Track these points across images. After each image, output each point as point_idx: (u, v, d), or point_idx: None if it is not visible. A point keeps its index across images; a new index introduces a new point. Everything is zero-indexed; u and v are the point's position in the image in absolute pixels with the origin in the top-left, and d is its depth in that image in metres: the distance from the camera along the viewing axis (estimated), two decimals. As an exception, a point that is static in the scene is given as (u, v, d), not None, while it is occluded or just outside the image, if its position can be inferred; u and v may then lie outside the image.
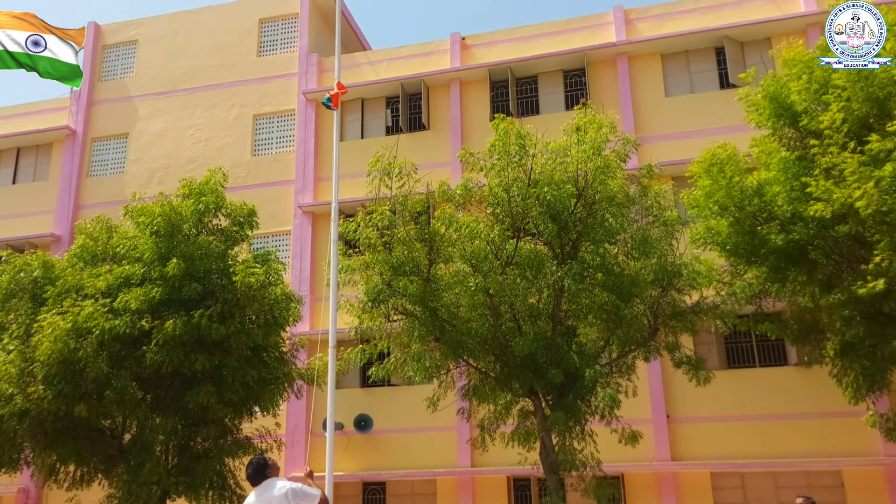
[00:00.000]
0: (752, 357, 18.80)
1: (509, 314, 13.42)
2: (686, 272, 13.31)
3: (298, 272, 21.77)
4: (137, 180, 23.88)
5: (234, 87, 24.58)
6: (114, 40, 26.69)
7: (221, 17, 25.68)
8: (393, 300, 13.33)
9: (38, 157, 26.09)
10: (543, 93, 22.07)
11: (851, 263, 12.19)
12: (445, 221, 13.09)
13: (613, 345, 13.87)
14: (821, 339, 13.85)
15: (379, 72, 23.35)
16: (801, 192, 12.03)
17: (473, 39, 22.97)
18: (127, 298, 13.65)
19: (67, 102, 26.08)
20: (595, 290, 13.21)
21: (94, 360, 13.01)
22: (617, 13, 21.61)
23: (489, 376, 13.91)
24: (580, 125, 13.19)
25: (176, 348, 13.42)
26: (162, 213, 14.40)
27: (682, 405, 18.39)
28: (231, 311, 13.92)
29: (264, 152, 23.85)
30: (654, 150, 18.74)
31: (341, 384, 20.16)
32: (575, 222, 13.06)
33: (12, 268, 14.87)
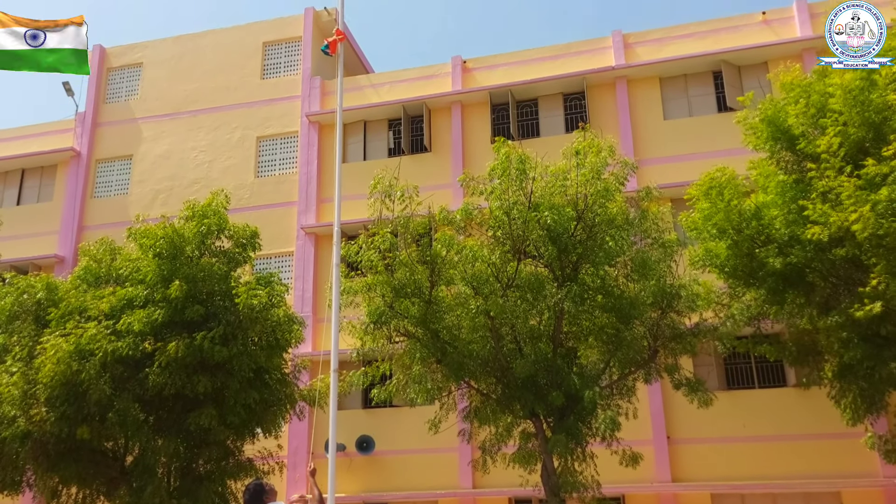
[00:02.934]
0: (751, 378, 18.85)
1: (510, 336, 13.50)
2: (685, 294, 13.40)
3: (301, 293, 21.86)
4: (141, 202, 24.07)
5: (237, 110, 24.82)
6: (119, 63, 26.97)
7: (226, 40, 25.98)
8: (395, 322, 13.41)
9: (42, 179, 26.29)
10: (543, 115, 22.28)
11: (849, 286, 12.26)
12: (447, 244, 13.20)
13: (614, 367, 13.94)
14: (819, 361, 13.90)
15: (381, 94, 23.59)
16: (798, 216, 12.14)
17: (474, 63, 23.22)
18: (130, 320, 13.68)
19: (72, 124, 26.33)
20: (595, 312, 13.31)
21: (96, 382, 13.02)
22: (616, 37, 21.87)
23: (490, 398, 13.97)
24: (579, 149, 13.34)
25: (178, 370, 13.45)
26: (165, 236, 14.46)
27: (683, 426, 18.41)
28: (233, 333, 13.96)
29: (267, 174, 24.04)
30: (652, 173, 18.89)
31: (343, 405, 20.20)
32: (575, 245, 13.17)
33: (16, 289, 14.88)
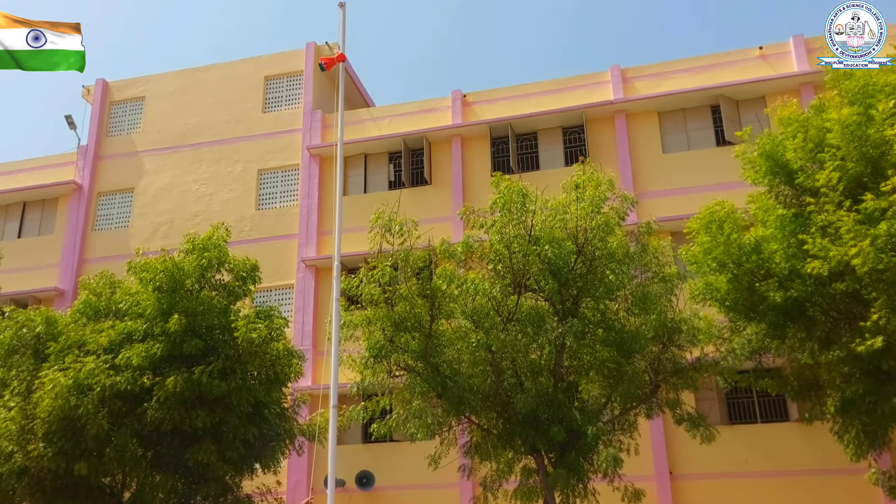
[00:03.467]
0: (753, 413, 18.73)
1: (511, 370, 13.44)
2: (686, 328, 13.37)
3: (301, 326, 21.82)
4: (142, 234, 24.15)
5: (239, 143, 24.99)
6: (121, 97, 27.21)
7: (228, 74, 26.24)
8: (395, 356, 13.36)
9: (43, 212, 26.39)
10: (543, 149, 22.42)
11: (849, 320, 12.22)
12: (447, 278, 13.19)
13: (615, 401, 13.86)
14: (821, 396, 13.80)
15: (382, 128, 23.76)
16: (798, 250, 12.14)
17: (474, 97, 23.42)
18: (128, 354, 13.63)
19: (74, 157, 26.49)
20: (596, 347, 13.26)
21: (94, 417, 12.96)
22: (614, 72, 22.08)
23: (491, 433, 13.86)
24: (579, 183, 13.40)
25: (177, 405, 13.37)
26: (164, 269, 14.47)
27: (685, 462, 18.25)
28: (232, 367, 13.91)
29: (268, 206, 24.13)
30: (652, 206, 18.95)
31: (343, 440, 20.03)
32: (575, 279, 13.16)
33: (15, 323, 14.85)
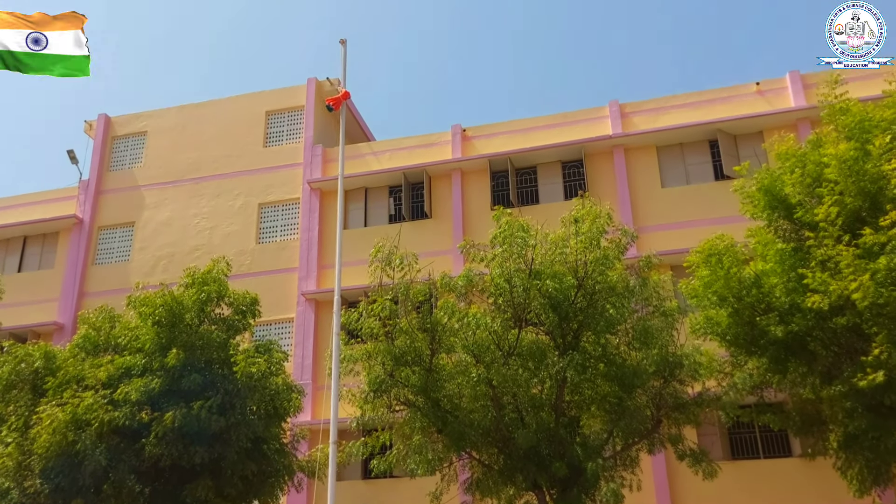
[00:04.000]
0: (756, 448, 18.58)
1: (512, 405, 13.35)
2: (687, 363, 13.32)
3: (301, 360, 21.74)
4: (142, 268, 24.17)
5: (240, 177, 25.12)
6: (123, 131, 27.41)
7: (229, 109, 26.47)
8: (395, 390, 13.31)
9: (44, 246, 26.45)
10: (543, 183, 22.54)
11: (851, 355, 12.17)
12: (448, 311, 13.18)
13: (617, 437, 13.76)
14: (824, 431, 13.69)
15: (382, 162, 23.91)
16: (798, 284, 12.13)
17: (474, 131, 23.61)
18: (127, 389, 13.58)
19: (76, 192, 26.61)
20: (597, 381, 13.21)
21: (92, 453, 12.88)
22: (613, 107, 22.29)
23: (492, 469, 13.74)
24: (578, 216, 13.44)
25: (175, 440, 13.29)
26: (164, 303, 14.48)
27: (688, 498, 18.06)
28: (231, 402, 13.84)
29: (269, 240, 24.20)
30: (651, 240, 18.99)
31: (343, 476, 19.84)
32: (576, 312, 13.14)
33: (14, 358, 14.80)
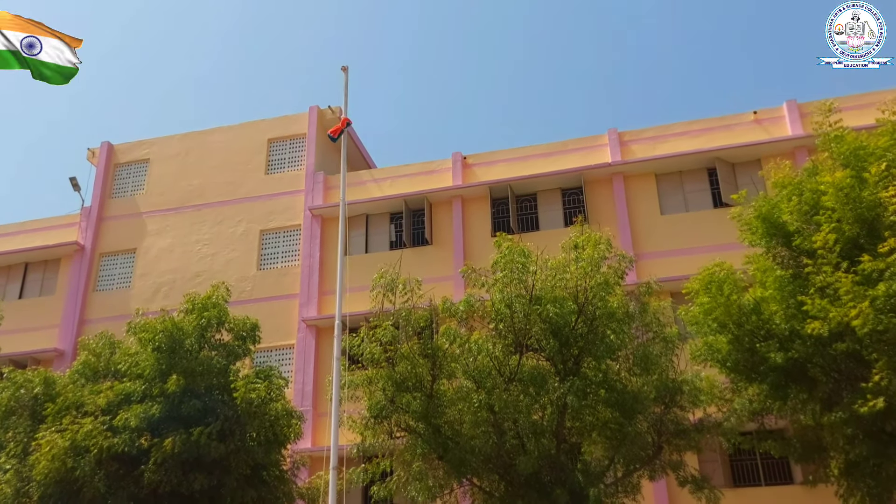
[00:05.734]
0: (757, 475, 18.47)
1: (513, 431, 13.29)
2: (688, 389, 13.32)
3: (301, 387, 21.69)
4: (143, 294, 24.20)
5: (241, 204, 25.26)
6: (126, 159, 27.59)
7: (231, 137, 26.68)
8: (396, 416, 13.27)
9: (45, 273, 26.49)
10: (543, 210, 22.66)
11: (851, 381, 12.16)
12: (449, 337, 13.19)
13: (618, 463, 13.70)
14: (825, 458, 13.63)
15: (383, 189, 24.04)
16: (797, 310, 12.15)
17: (474, 159, 23.78)
18: (126, 416, 13.59)
19: (77, 219, 26.71)
20: (598, 407, 13.18)
21: (91, 480, 12.89)
22: (612, 135, 22.48)
23: (493, 496, 13.65)
24: (578, 243, 13.51)
25: (174, 467, 13.27)
26: (164, 329, 14.52)
27: (690, 525, 17.89)
28: (231, 429, 13.82)
29: (270, 266, 24.26)
30: (651, 267, 19.04)
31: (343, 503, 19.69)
32: (576, 338, 13.15)
33: (13, 384, 14.86)
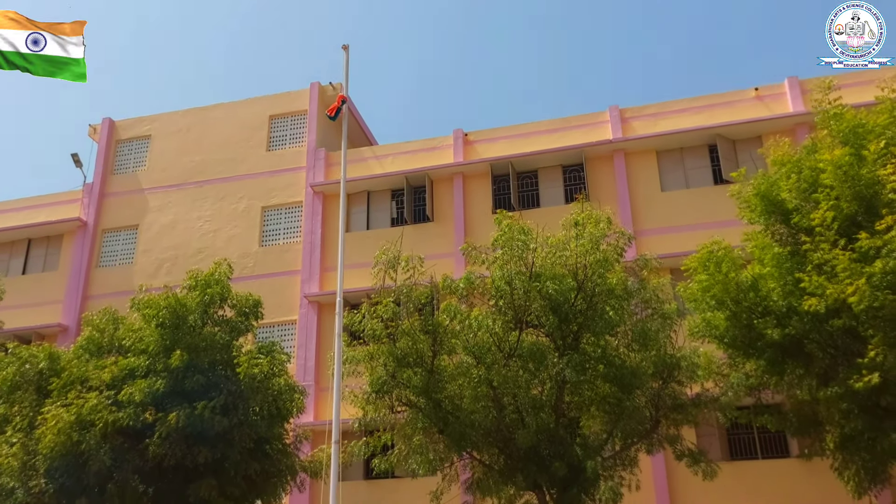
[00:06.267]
0: (754, 449, 18.71)
1: (512, 406, 13.47)
2: (685, 364, 13.46)
3: (303, 362, 21.89)
4: (146, 271, 24.33)
5: (243, 180, 25.30)
6: (127, 135, 27.60)
7: (233, 113, 26.65)
8: (397, 391, 13.43)
9: (48, 248, 26.62)
10: (544, 187, 22.70)
11: (847, 357, 12.31)
12: (449, 313, 13.32)
13: (616, 437, 13.88)
14: (820, 432, 13.83)
15: (385, 166, 24.07)
16: (794, 287, 12.26)
17: (475, 135, 23.77)
18: (131, 391, 13.70)
19: (79, 195, 26.79)
20: (597, 382, 13.34)
21: (96, 453, 13.01)
22: (613, 112, 22.46)
23: (493, 469, 13.86)
24: (578, 220, 13.59)
25: (179, 441, 13.42)
26: (167, 305, 14.60)
27: (687, 498, 18.20)
28: (234, 403, 13.96)
29: (272, 243, 24.36)
30: (651, 243, 19.13)
31: (345, 476, 19.94)
32: (575, 314, 13.27)
33: (18, 360, 14.91)
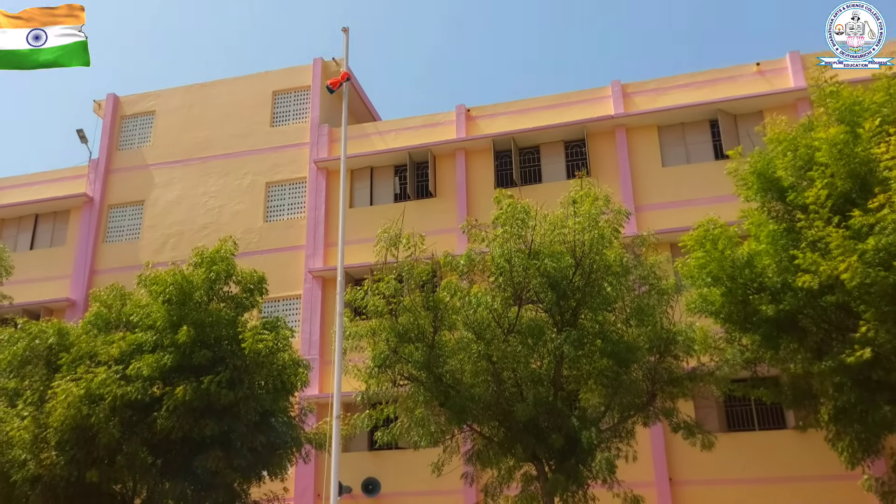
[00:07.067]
0: (751, 420, 19.01)
1: (512, 380, 13.73)
2: (681, 339, 13.67)
3: (308, 336, 22.19)
4: (152, 246, 24.60)
5: (247, 156, 25.44)
6: (132, 111, 27.71)
7: (236, 89, 26.71)
8: (399, 366, 13.66)
9: (55, 224, 26.89)
10: (545, 162, 22.78)
11: (840, 332, 12.52)
12: (450, 290, 13.54)
13: (614, 410, 14.14)
14: (815, 405, 14.09)
15: (388, 141, 24.17)
16: (789, 264, 12.43)
17: (478, 111, 23.81)
18: (139, 365, 13.97)
19: (85, 171, 26.98)
20: (595, 356, 13.56)
21: (106, 426, 13.31)
22: (615, 87, 22.45)
23: (492, 441, 14.16)
24: (576, 198, 13.74)
25: (186, 414, 13.72)
26: (174, 282, 14.77)
27: (685, 468, 18.53)
28: (240, 377, 14.24)
29: (276, 219, 24.56)
30: (652, 218, 19.27)
31: (349, 447, 20.37)
32: (574, 291, 13.45)
33: (28, 335, 15.16)
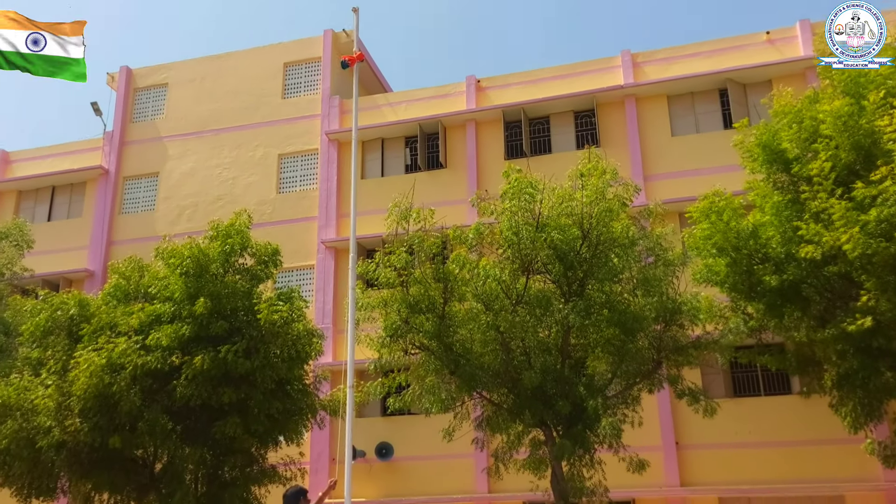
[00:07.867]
0: (757, 386, 19.31)
1: (520, 349, 14.04)
2: (687, 308, 13.91)
3: (322, 305, 22.56)
4: (167, 217, 24.96)
5: (259, 128, 25.63)
6: (145, 83, 27.91)
7: (248, 61, 26.82)
8: (410, 335, 13.95)
9: (72, 196, 27.25)
10: (555, 133, 22.87)
11: (842, 301, 12.75)
12: (459, 262, 13.82)
13: (620, 377, 14.45)
14: (819, 371, 14.37)
15: (398, 113, 24.29)
16: (793, 235, 12.63)
17: (488, 82, 23.83)
18: (158, 336, 14.31)
19: (100, 143, 27.27)
20: (601, 326, 13.81)
21: (127, 394, 13.66)
22: (624, 57, 22.43)
23: (502, 408, 14.50)
24: (584, 171, 13.92)
25: (204, 382, 14.07)
26: (191, 255, 15.02)
27: (691, 433, 18.90)
28: (256, 347, 14.58)
29: (289, 190, 24.82)
30: (661, 188, 19.42)
31: (363, 413, 20.85)
32: (581, 263, 13.68)
33: (50, 306, 15.45)
